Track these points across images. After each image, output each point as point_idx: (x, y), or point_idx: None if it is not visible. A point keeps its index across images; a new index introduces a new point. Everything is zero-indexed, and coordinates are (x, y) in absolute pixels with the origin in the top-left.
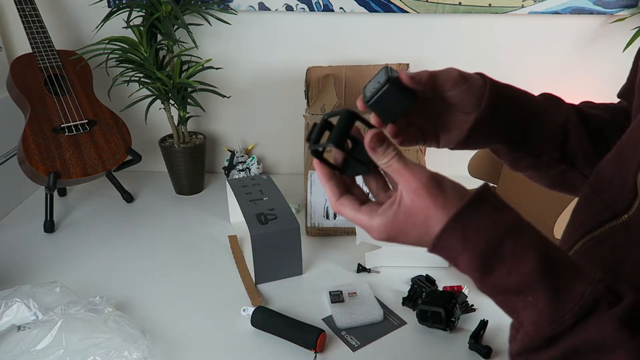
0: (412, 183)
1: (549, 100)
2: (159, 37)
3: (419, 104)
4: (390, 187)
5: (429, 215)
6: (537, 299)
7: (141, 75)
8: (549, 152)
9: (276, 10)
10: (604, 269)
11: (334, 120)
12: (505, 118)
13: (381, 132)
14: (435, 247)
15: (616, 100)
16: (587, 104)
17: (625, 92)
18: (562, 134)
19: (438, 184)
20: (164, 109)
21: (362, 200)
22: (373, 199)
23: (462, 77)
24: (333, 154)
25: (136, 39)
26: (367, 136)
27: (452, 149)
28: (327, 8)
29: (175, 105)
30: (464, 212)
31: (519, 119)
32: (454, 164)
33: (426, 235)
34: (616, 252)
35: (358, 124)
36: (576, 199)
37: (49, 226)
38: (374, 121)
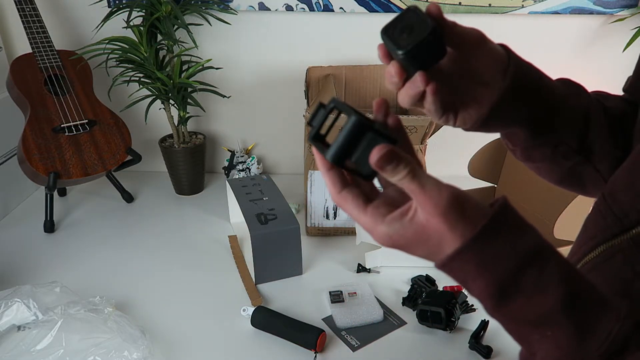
0: (427, 207)
1: (571, 87)
2: (159, 37)
3: (438, 72)
4: None
5: (443, 239)
6: (558, 335)
7: (141, 75)
8: (567, 142)
9: (276, 10)
10: (612, 286)
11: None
12: (530, 97)
13: (391, 149)
14: (445, 266)
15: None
16: (602, 94)
17: (631, 86)
18: (583, 123)
19: (458, 208)
20: (164, 109)
21: (367, 195)
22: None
23: (485, 38)
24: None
25: (136, 39)
26: (374, 154)
27: (466, 129)
28: (327, 8)
29: (175, 105)
30: (482, 236)
31: (545, 100)
32: (453, 163)
33: (436, 255)
34: (625, 268)
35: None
36: (576, 199)
37: (49, 226)
38: (382, 55)
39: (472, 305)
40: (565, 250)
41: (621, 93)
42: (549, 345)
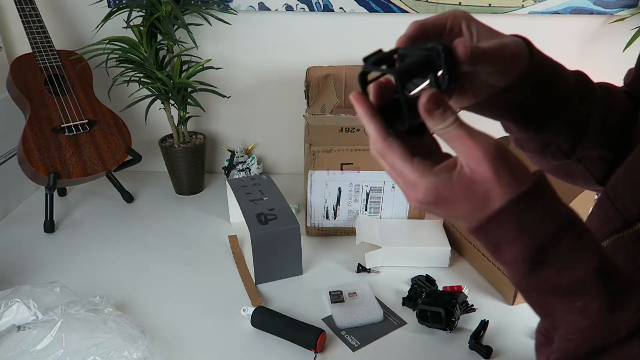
0: (476, 153)
1: (583, 87)
2: (159, 37)
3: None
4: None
5: (490, 191)
6: (589, 304)
7: (141, 75)
8: (559, 144)
9: (276, 10)
10: None
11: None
12: (531, 98)
13: (439, 93)
14: (482, 227)
15: None
16: (607, 89)
17: (632, 82)
18: (582, 130)
19: (504, 159)
20: (164, 109)
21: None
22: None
23: (514, 57)
24: (374, 91)
25: (136, 39)
26: (423, 97)
27: (463, 107)
28: (327, 8)
29: (175, 105)
30: (527, 196)
31: (547, 102)
32: None
33: (478, 213)
34: (628, 262)
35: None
36: (576, 199)
37: (49, 226)
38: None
39: (472, 305)
40: None
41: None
42: (576, 317)
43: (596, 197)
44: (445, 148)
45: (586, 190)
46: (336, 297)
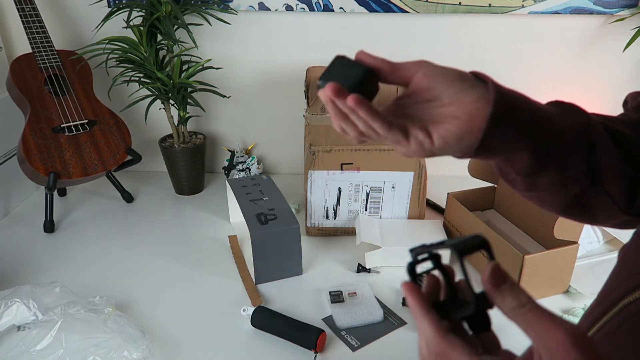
0: (562, 340)
1: (563, 106)
2: (159, 37)
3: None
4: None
5: None
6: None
7: (141, 75)
8: (576, 165)
9: (276, 10)
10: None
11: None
12: (526, 116)
13: (500, 267)
14: None
15: (617, 101)
16: (605, 118)
17: None
18: (586, 143)
19: (592, 347)
20: (164, 109)
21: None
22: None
23: (430, 69)
24: (428, 283)
25: (136, 39)
26: (488, 269)
27: (460, 155)
28: (327, 8)
29: (175, 105)
30: None
31: (543, 120)
32: (454, 163)
33: None
34: None
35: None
36: None
37: (49, 226)
38: (331, 92)
39: None
40: (570, 249)
41: (620, 93)
42: None
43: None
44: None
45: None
46: (336, 297)
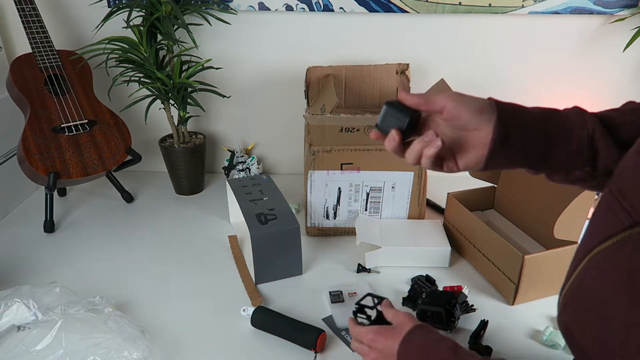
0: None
1: (570, 116)
2: (159, 37)
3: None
4: None
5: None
6: None
7: (141, 75)
8: (580, 168)
9: (276, 10)
10: (618, 275)
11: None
12: (518, 145)
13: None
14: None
15: (617, 101)
16: (610, 111)
17: None
18: (590, 150)
19: None
20: (164, 109)
21: None
22: None
23: (457, 98)
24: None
25: (136, 39)
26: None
27: (474, 174)
28: (327, 8)
29: (175, 105)
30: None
31: (536, 142)
32: None
33: None
34: (633, 260)
35: None
36: (576, 199)
37: (49, 226)
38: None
39: (472, 305)
40: (570, 249)
41: (620, 93)
42: None
43: (596, 196)
44: None
45: (580, 196)
46: (336, 297)
